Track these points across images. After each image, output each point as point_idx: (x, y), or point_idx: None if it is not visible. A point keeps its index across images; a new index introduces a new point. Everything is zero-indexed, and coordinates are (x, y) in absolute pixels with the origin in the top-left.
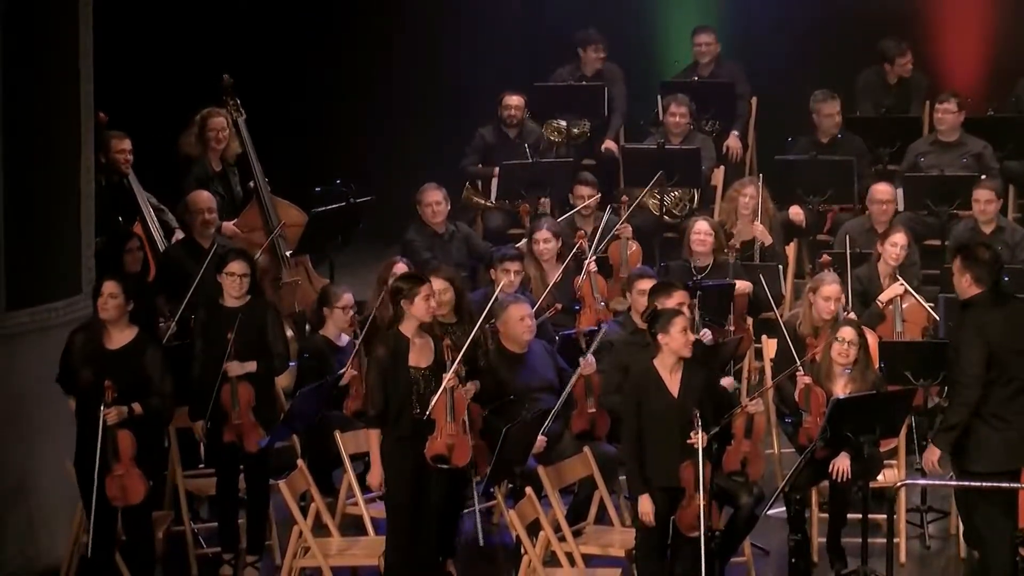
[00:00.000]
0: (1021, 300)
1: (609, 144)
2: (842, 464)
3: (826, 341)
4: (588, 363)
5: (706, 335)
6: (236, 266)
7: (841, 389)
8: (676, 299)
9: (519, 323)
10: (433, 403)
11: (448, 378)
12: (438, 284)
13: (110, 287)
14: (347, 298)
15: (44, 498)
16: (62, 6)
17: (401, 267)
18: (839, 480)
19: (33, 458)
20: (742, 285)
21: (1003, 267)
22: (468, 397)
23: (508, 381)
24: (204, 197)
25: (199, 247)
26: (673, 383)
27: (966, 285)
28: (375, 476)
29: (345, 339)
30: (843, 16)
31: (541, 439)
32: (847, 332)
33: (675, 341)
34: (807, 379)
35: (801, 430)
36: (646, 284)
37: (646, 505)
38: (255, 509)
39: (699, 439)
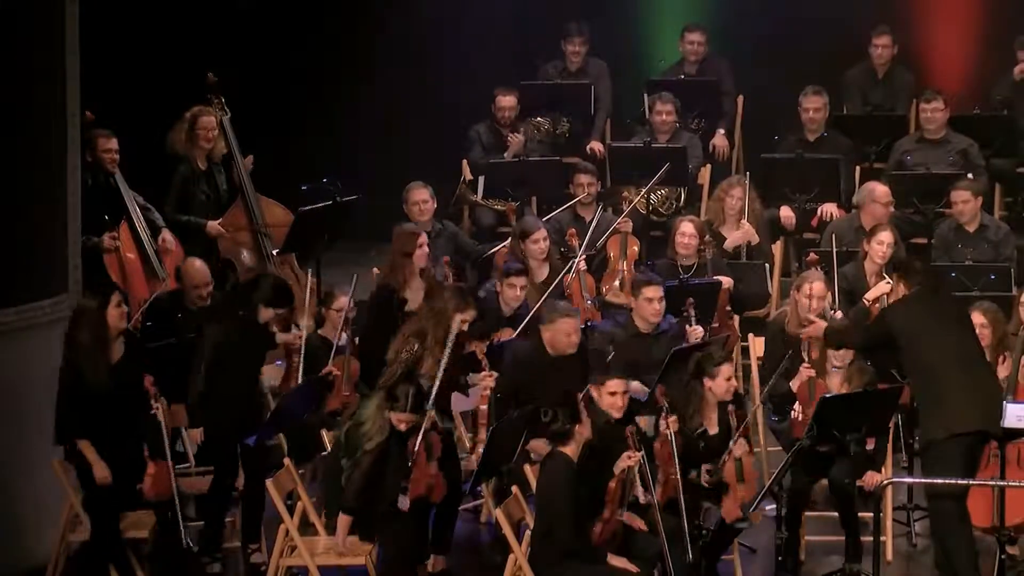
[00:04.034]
0: (951, 293)
1: (594, 145)
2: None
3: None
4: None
5: (698, 331)
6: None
7: (837, 386)
8: (609, 387)
9: (565, 338)
10: (416, 448)
11: (428, 418)
12: (473, 316)
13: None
14: (341, 301)
15: (31, 496)
16: (48, 5)
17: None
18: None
19: (20, 456)
20: (724, 281)
21: (937, 275)
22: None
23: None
24: (199, 269)
25: (187, 308)
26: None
27: (900, 293)
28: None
29: (345, 338)
30: (830, 14)
31: (542, 444)
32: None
33: (719, 387)
34: (811, 372)
35: (798, 424)
36: (652, 292)
37: None
38: (254, 500)
39: (635, 457)
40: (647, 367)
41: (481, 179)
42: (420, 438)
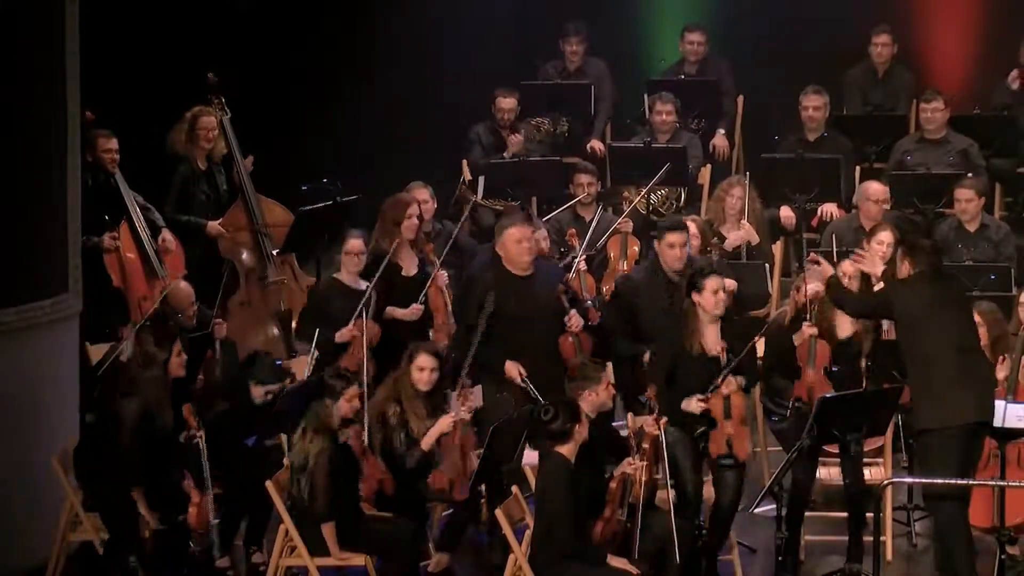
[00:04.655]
0: (955, 279)
1: (595, 144)
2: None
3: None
4: (578, 318)
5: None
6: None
7: (848, 327)
8: (604, 382)
9: (516, 246)
10: (363, 447)
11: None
12: (425, 362)
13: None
14: (352, 244)
15: (31, 497)
16: (48, 5)
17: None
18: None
19: (19, 455)
20: (727, 283)
21: (941, 256)
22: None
23: (512, 303)
24: (183, 289)
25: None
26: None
27: (905, 272)
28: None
29: (363, 284)
30: (830, 14)
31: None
32: (847, 266)
33: (707, 301)
34: (813, 330)
35: (799, 383)
36: (675, 238)
37: None
38: (258, 502)
39: (636, 464)
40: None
41: (481, 179)
42: (366, 433)
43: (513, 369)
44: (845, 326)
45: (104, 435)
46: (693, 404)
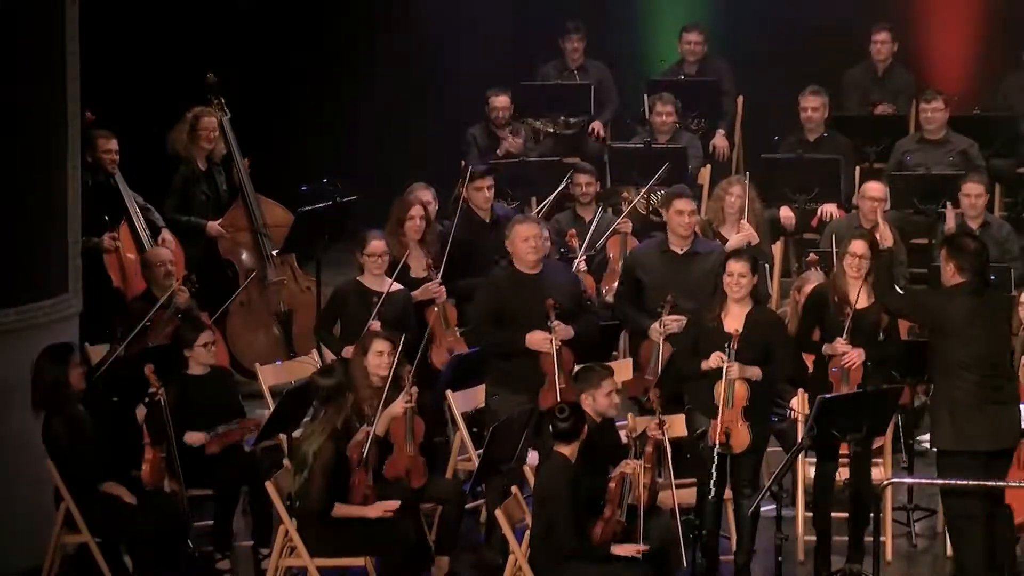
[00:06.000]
0: (998, 290)
1: (595, 125)
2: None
3: (840, 252)
4: (563, 329)
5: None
6: (207, 335)
7: (864, 300)
8: (605, 388)
9: (523, 243)
10: (364, 455)
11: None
12: (382, 346)
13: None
14: (374, 245)
15: (27, 497)
16: (48, 5)
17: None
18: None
19: (17, 456)
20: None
21: (988, 258)
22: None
23: (517, 301)
24: (159, 249)
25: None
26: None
27: (950, 274)
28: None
29: (395, 286)
30: (830, 15)
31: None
32: (857, 246)
33: (726, 283)
34: (847, 347)
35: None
36: (683, 204)
37: None
38: (260, 505)
39: (633, 464)
40: (681, 290)
41: None
42: (368, 446)
43: (538, 334)
44: (862, 298)
45: (54, 453)
46: (713, 358)
